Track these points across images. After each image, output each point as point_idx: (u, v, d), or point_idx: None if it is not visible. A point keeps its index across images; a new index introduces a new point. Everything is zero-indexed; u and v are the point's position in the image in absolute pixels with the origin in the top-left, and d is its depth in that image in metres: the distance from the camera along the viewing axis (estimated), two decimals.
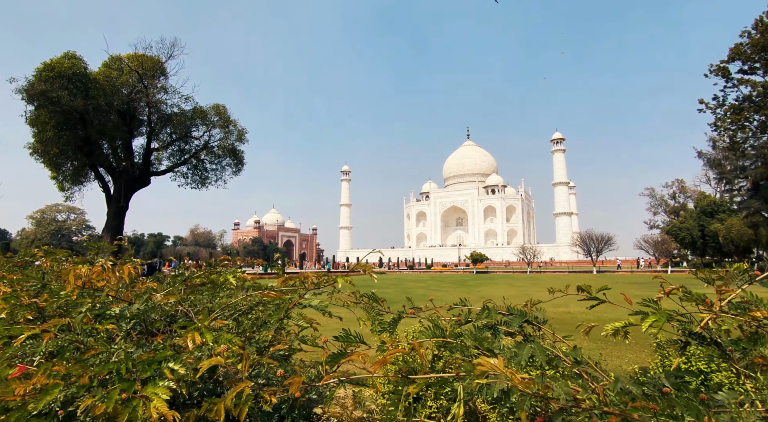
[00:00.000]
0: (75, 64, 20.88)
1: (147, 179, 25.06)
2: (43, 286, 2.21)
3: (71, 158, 23.84)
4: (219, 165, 25.71)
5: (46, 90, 19.01)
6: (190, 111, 24.47)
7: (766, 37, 28.88)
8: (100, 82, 21.68)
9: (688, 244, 63.48)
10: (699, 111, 34.85)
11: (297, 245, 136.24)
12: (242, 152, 25.95)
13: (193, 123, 24.31)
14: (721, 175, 49.21)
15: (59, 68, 20.22)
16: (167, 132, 24.90)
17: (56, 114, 20.32)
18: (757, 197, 41.84)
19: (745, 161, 46.30)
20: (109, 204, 24.47)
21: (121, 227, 24.72)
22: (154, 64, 22.98)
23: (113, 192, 24.46)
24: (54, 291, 2.06)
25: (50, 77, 19.75)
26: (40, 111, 20.26)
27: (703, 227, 61.66)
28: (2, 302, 1.84)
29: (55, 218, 66.59)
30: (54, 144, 21.14)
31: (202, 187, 25.59)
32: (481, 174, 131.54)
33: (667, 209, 75.99)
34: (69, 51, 21.27)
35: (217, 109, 24.67)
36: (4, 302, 1.84)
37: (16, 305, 1.87)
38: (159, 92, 23.63)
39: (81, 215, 68.65)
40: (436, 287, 28.11)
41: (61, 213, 67.47)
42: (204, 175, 25.66)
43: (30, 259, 4.18)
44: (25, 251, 4.06)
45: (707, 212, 62.52)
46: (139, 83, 22.84)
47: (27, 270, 3.37)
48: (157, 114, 23.97)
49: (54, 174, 24.19)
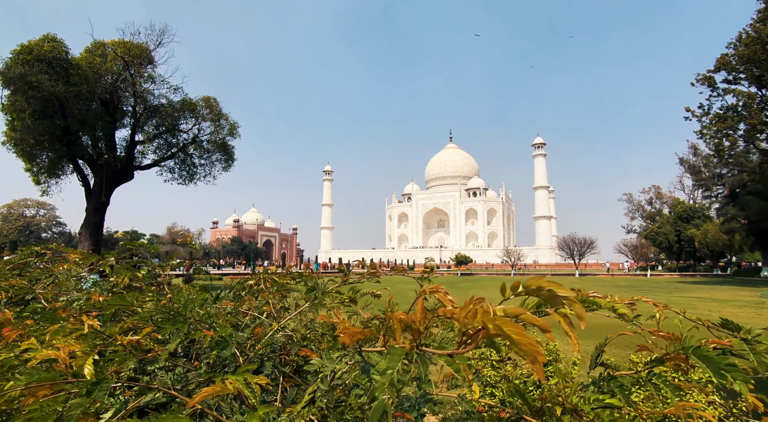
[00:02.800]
0: (56, 47, 19.42)
1: (130, 173, 23.65)
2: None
3: (47, 149, 22.24)
4: (208, 160, 24.50)
5: (25, 73, 17.55)
6: (178, 103, 23.19)
7: (753, 49, 29.70)
8: (82, 68, 20.25)
9: (665, 248, 65.37)
10: (685, 119, 35.72)
11: (277, 245, 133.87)
12: (233, 147, 24.84)
13: (182, 115, 23.05)
14: (700, 181, 50.70)
15: (38, 51, 18.75)
16: (153, 124, 23.54)
17: (34, 101, 18.82)
18: (733, 204, 43.15)
19: (722, 169, 47.76)
20: (89, 199, 22.95)
21: (101, 224, 23.24)
22: (141, 52, 21.66)
23: (93, 186, 22.96)
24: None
25: (28, 60, 18.27)
26: (17, 97, 18.73)
27: (680, 232, 63.61)
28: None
29: (23, 213, 62.86)
30: (31, 133, 19.60)
31: (189, 182, 24.31)
32: (463, 177, 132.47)
33: (644, 214, 78.16)
34: (49, 33, 19.79)
35: (208, 101, 23.49)
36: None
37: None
38: (146, 81, 22.30)
39: (51, 210, 65.08)
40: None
41: (29, 208, 63.74)
42: (192, 170, 24.40)
43: (33, 260, 3.48)
44: (28, 250, 3.38)
45: (683, 218, 64.57)
46: (125, 71, 21.47)
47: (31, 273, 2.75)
48: (143, 105, 22.62)
49: (28, 166, 22.53)
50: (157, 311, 1.31)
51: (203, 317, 1.42)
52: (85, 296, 2.07)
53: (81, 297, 2.05)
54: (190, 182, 24.25)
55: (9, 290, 2.32)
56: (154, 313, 1.34)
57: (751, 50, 29.94)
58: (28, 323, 1.72)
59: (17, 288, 2.25)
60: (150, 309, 1.35)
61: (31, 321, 1.77)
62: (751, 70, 31.21)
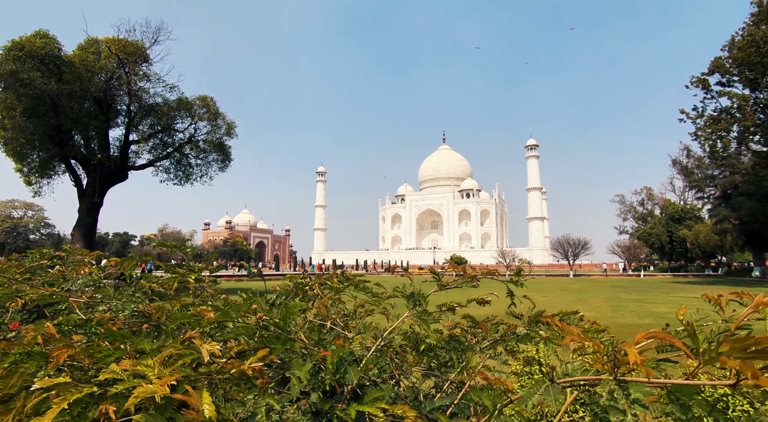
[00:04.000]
0: (48, 43, 18.93)
1: (124, 173, 23.13)
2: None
3: (38, 149, 21.65)
4: (204, 160, 24.04)
5: (16, 70, 17.02)
6: (174, 102, 22.73)
7: (747, 52, 30.02)
8: (75, 66, 19.75)
9: (658, 249, 65.98)
10: (680, 120, 36.01)
11: (270, 246, 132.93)
12: (230, 147, 24.41)
13: (178, 115, 22.59)
14: (693, 183, 51.26)
15: (30, 47, 18.24)
16: (148, 123, 23.05)
17: (25, 98, 18.28)
18: (725, 205, 43.65)
19: (714, 171, 48.31)
20: (82, 200, 22.40)
21: (94, 225, 22.70)
22: (136, 50, 21.19)
23: (86, 187, 22.42)
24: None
25: (20, 57, 17.75)
26: (8, 94, 18.17)
27: (672, 233, 64.31)
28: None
29: (11, 214, 61.38)
30: (22, 132, 19.04)
31: (186, 183, 23.84)
32: (456, 178, 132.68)
33: (636, 215, 78.99)
34: (41, 29, 19.28)
35: (204, 100, 23.07)
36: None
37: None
38: (141, 80, 21.83)
39: (39, 211, 63.67)
40: (427, 291, 27.43)
41: (17, 210, 62.25)
42: (188, 170, 23.92)
43: (47, 262, 3.24)
44: (38, 252, 3.14)
45: (675, 219, 65.30)
46: (120, 69, 20.98)
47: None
48: (138, 103, 22.13)
49: (19, 166, 21.94)
50: (259, 327, 1.08)
51: (307, 332, 1.18)
52: (130, 306, 1.82)
53: (126, 307, 1.79)
54: (186, 183, 23.79)
55: (24, 296, 2.05)
56: (253, 328, 1.10)
57: (745, 53, 30.26)
58: (75, 339, 1.46)
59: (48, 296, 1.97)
60: (248, 324, 1.11)
61: (78, 336, 1.51)
62: (745, 73, 31.56)
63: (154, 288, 3.11)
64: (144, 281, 3.08)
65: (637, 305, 17.28)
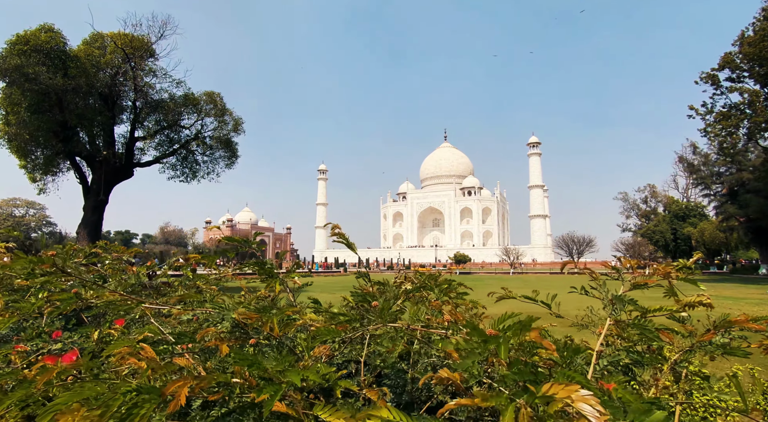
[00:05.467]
0: (53, 38, 18.55)
1: (130, 170, 22.78)
2: None
3: (42, 145, 21.30)
4: (211, 157, 23.70)
5: (22, 64, 16.66)
6: (180, 98, 22.36)
7: (759, 47, 29.67)
8: (81, 61, 19.37)
9: (662, 246, 65.78)
10: (689, 117, 35.68)
11: (271, 244, 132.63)
12: (236, 143, 24.05)
13: (185, 110, 22.23)
14: (699, 180, 50.98)
15: (35, 41, 17.85)
16: (154, 119, 22.69)
17: (30, 94, 17.93)
18: (732, 202, 43.34)
19: (720, 167, 48.01)
20: (87, 197, 22.07)
21: (99, 223, 22.37)
22: (142, 44, 20.81)
23: (91, 184, 22.08)
24: None
25: (25, 51, 17.37)
26: (12, 90, 17.81)
27: (676, 230, 64.13)
28: None
29: (12, 213, 60.96)
30: (26, 128, 18.69)
31: (192, 180, 23.50)
32: (457, 176, 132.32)
33: (639, 212, 78.78)
34: (46, 23, 18.91)
35: (211, 96, 22.69)
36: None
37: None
38: (147, 75, 21.46)
39: (41, 210, 63.27)
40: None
41: (19, 208, 61.80)
42: (194, 167, 23.58)
43: (83, 260, 2.93)
44: (69, 248, 2.84)
45: (679, 216, 65.12)
46: (125, 64, 20.61)
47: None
48: (144, 99, 21.77)
49: (23, 163, 21.58)
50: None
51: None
52: (231, 315, 1.49)
53: (225, 316, 1.46)
54: (193, 180, 23.46)
55: (58, 301, 1.73)
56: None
57: (756, 49, 29.90)
58: (182, 364, 1.14)
59: (118, 302, 1.65)
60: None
61: (184, 360, 1.18)
62: (756, 69, 31.21)
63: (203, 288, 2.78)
64: (201, 283, 2.75)
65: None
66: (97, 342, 1.95)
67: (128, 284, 1.95)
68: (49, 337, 2.11)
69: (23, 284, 2.52)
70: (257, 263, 1.88)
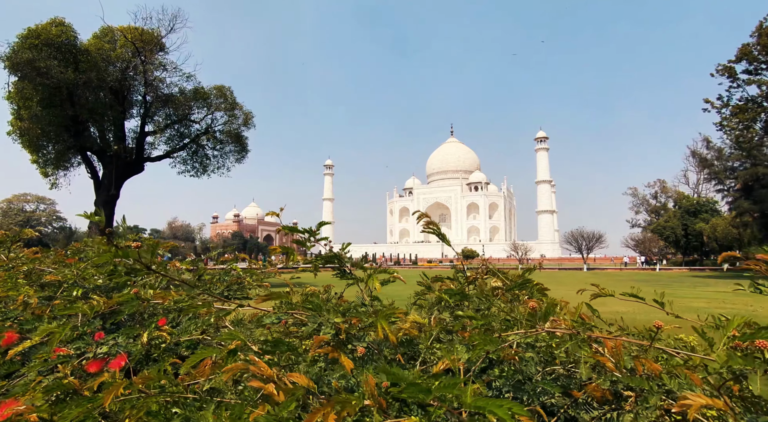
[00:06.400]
0: (64, 32, 18.44)
1: (141, 164, 22.73)
2: None
3: (53, 140, 21.27)
4: (221, 152, 23.57)
5: (33, 58, 16.57)
6: (190, 92, 22.23)
7: None
8: (91, 55, 19.27)
9: (672, 242, 65.02)
10: (703, 110, 35.06)
11: (277, 239, 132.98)
12: (246, 137, 23.89)
13: (195, 104, 22.09)
14: (713, 175, 50.20)
15: (46, 35, 17.76)
16: (164, 114, 22.58)
17: (42, 88, 17.85)
18: (747, 198, 42.61)
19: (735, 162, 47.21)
20: (98, 192, 22.06)
21: (111, 218, 22.31)
22: (152, 38, 20.65)
23: (102, 178, 22.05)
24: None
25: (36, 45, 17.28)
26: (24, 84, 17.75)
27: (687, 226, 63.31)
28: None
29: (23, 208, 61.46)
30: (38, 122, 18.64)
31: (202, 175, 23.41)
32: (464, 171, 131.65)
33: (648, 208, 77.97)
34: (56, 17, 18.79)
35: (221, 90, 22.53)
36: None
37: None
38: (157, 69, 21.32)
39: (51, 205, 63.75)
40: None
41: (29, 203, 62.28)
42: (205, 162, 23.48)
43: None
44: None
45: (690, 212, 64.26)
46: (136, 58, 20.47)
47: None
48: (154, 94, 21.65)
49: (34, 157, 21.58)
50: None
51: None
52: (333, 318, 1.29)
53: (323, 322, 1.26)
54: (203, 174, 23.37)
55: (119, 303, 1.55)
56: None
57: None
58: (301, 383, 0.92)
59: (189, 301, 1.45)
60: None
61: (297, 375, 0.96)
62: None
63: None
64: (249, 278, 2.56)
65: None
66: (147, 345, 1.76)
67: (192, 282, 1.75)
68: (90, 338, 1.90)
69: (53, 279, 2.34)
70: (333, 256, 1.69)
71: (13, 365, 1.70)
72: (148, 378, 0.97)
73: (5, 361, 1.68)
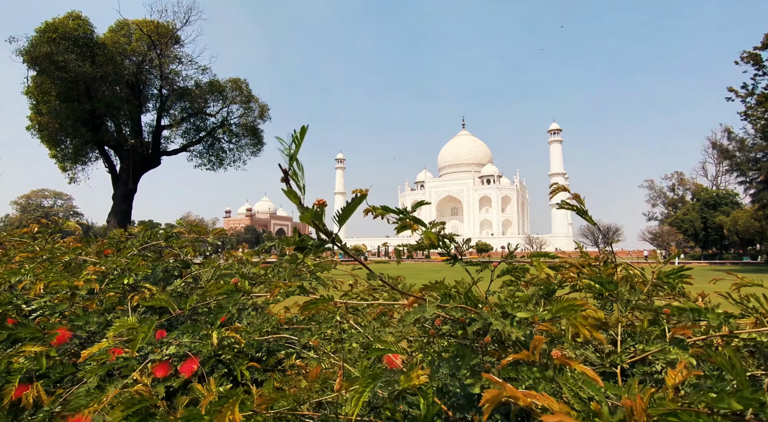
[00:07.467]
0: (81, 25, 18.40)
1: (157, 158, 22.76)
2: None
3: (71, 135, 21.36)
4: (237, 145, 23.48)
5: (52, 52, 16.57)
6: (206, 85, 22.12)
7: None
8: (108, 48, 19.23)
9: (691, 235, 63.68)
10: (727, 99, 33.89)
11: (290, 233, 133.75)
12: (262, 130, 23.76)
13: (210, 98, 22.00)
14: (735, 166, 48.81)
15: (63, 29, 17.73)
16: (180, 107, 22.53)
17: (60, 82, 17.87)
18: None
19: (758, 153, 45.80)
20: (116, 187, 22.16)
21: (129, 212, 22.47)
22: (167, 31, 20.55)
23: (120, 173, 22.13)
24: None
25: (54, 39, 17.27)
26: (43, 78, 17.79)
27: (706, 219, 61.92)
28: None
29: (41, 203, 62.60)
30: (57, 117, 18.70)
31: (219, 168, 23.37)
32: (476, 164, 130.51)
33: (666, 201, 76.44)
34: (73, 11, 18.76)
35: (237, 83, 22.39)
36: None
37: None
38: (173, 62, 21.23)
39: (68, 200, 64.79)
40: (461, 277, 26.92)
41: (47, 199, 63.42)
42: (221, 155, 23.42)
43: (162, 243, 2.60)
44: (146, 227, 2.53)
45: (710, 205, 62.79)
46: (151, 51, 20.40)
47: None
48: (170, 87, 21.59)
49: (53, 152, 21.71)
50: None
51: None
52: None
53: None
54: (220, 168, 23.33)
55: (220, 295, 1.31)
56: None
57: None
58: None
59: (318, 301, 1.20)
60: None
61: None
62: None
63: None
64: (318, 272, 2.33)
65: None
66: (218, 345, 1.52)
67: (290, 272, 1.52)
68: (152, 337, 1.64)
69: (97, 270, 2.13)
70: (444, 238, 1.44)
71: (65, 368, 1.48)
72: (270, 399, 0.73)
73: (56, 363, 1.47)
